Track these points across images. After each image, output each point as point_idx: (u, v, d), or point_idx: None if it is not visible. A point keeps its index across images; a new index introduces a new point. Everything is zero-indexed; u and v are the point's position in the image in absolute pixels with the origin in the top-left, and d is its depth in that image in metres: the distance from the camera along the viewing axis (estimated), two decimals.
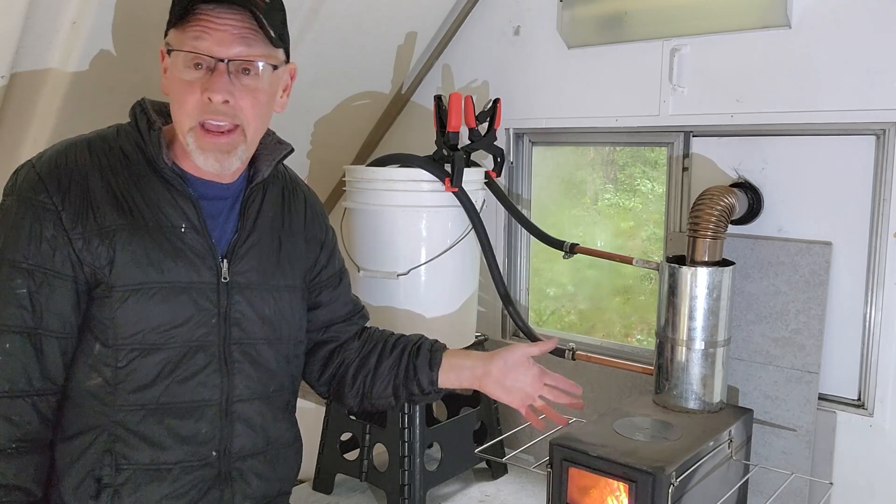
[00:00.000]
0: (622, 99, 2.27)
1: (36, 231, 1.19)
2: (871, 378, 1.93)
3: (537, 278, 2.66)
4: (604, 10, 2.26)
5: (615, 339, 2.51)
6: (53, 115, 1.93)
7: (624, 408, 1.95)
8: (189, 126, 1.22)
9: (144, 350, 1.24)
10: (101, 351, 1.24)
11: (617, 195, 2.53)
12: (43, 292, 1.20)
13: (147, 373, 1.24)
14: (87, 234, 1.20)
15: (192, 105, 1.21)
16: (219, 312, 1.29)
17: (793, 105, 1.97)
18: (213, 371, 1.29)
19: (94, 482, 1.24)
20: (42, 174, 1.21)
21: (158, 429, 1.26)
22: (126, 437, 1.25)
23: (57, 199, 1.20)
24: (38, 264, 1.20)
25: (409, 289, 2.16)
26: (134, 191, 1.25)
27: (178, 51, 1.21)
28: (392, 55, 2.52)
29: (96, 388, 1.24)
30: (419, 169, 2.13)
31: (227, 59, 1.19)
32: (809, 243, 1.97)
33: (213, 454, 1.31)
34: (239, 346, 1.32)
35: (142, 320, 1.23)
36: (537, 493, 2.25)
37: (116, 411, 1.24)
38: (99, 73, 1.89)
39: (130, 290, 1.22)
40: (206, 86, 1.19)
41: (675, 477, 1.58)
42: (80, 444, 1.25)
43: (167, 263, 1.24)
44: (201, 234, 1.28)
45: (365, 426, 2.20)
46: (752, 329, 2.04)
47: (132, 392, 1.24)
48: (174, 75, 1.23)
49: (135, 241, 1.23)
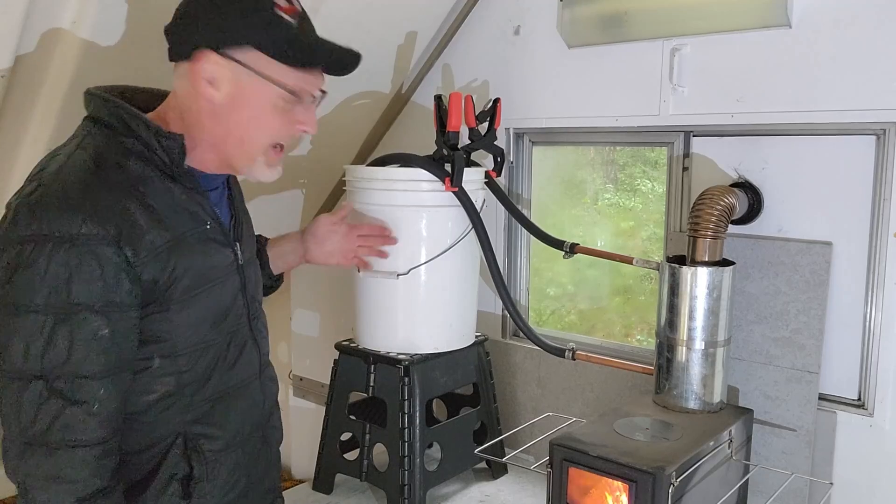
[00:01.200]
0: (622, 99, 2.27)
1: (97, 268, 1.13)
2: (871, 378, 1.93)
3: (537, 278, 2.66)
4: (604, 10, 2.26)
5: (615, 339, 2.51)
6: (53, 115, 1.93)
7: (624, 408, 1.95)
8: (265, 147, 1.30)
9: (201, 349, 1.30)
10: (162, 363, 1.25)
11: (617, 195, 2.53)
12: (120, 329, 1.17)
13: (205, 369, 1.31)
14: (143, 259, 1.18)
15: (283, 133, 1.31)
16: (244, 293, 1.39)
17: (793, 105, 1.97)
18: (250, 348, 1.41)
19: (179, 484, 1.29)
20: (77, 207, 1.13)
21: (225, 414, 1.35)
22: (203, 430, 1.32)
23: (111, 229, 1.14)
24: (111, 301, 1.15)
25: (409, 289, 2.16)
26: (156, 202, 1.22)
27: (290, 86, 1.27)
28: (392, 55, 2.52)
29: (157, 399, 1.27)
30: (419, 169, 2.13)
31: (322, 91, 1.35)
32: (809, 243, 1.97)
33: (261, 412, 1.45)
34: (256, 320, 1.44)
35: (199, 324, 1.28)
36: (537, 493, 2.25)
37: (185, 412, 1.29)
38: (99, 73, 1.89)
39: (184, 301, 1.25)
40: (304, 119, 1.32)
41: (675, 477, 1.58)
42: (152, 455, 1.28)
43: (206, 262, 1.29)
44: (220, 224, 1.34)
45: (365, 426, 2.20)
46: (752, 329, 2.04)
47: (198, 391, 1.31)
48: (262, 99, 1.26)
49: (180, 252, 1.23)
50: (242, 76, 1.23)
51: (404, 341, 2.18)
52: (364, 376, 2.19)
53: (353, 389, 2.25)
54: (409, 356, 2.14)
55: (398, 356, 2.15)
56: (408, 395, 2.10)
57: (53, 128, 1.94)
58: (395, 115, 2.83)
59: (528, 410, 2.52)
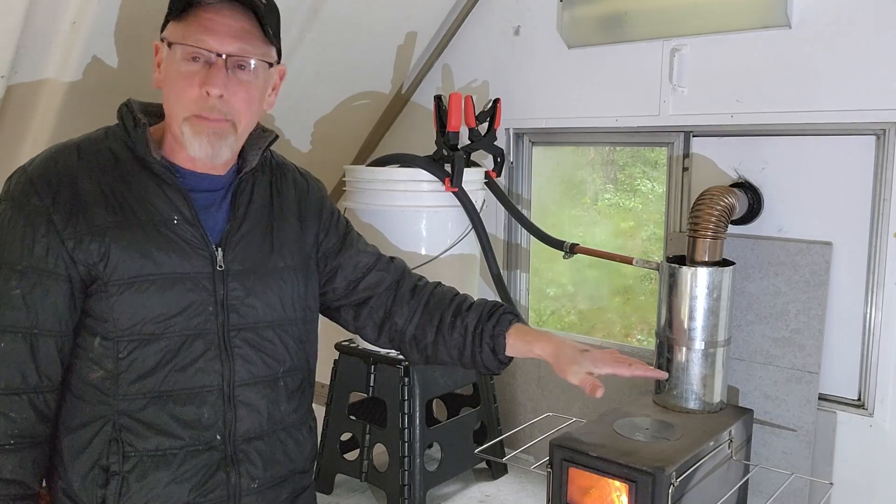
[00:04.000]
0: (622, 99, 2.27)
1: (29, 233, 1.23)
2: (871, 378, 1.93)
3: (537, 278, 2.66)
4: (604, 10, 2.26)
5: (615, 339, 2.51)
6: (53, 115, 1.93)
7: (624, 408, 1.95)
8: (184, 116, 1.26)
9: (143, 340, 1.27)
10: (102, 344, 1.27)
11: (617, 195, 2.53)
12: (37, 293, 1.23)
13: (147, 362, 1.28)
14: (78, 233, 1.23)
15: (190, 97, 1.24)
16: (216, 300, 1.32)
17: (793, 105, 1.97)
18: (213, 357, 1.32)
19: (101, 471, 1.28)
20: (33, 178, 1.25)
21: (162, 415, 1.29)
22: (131, 425, 1.28)
23: (48, 201, 1.23)
24: (32, 266, 1.23)
25: None
26: (124, 188, 1.28)
27: (179, 44, 1.24)
28: (392, 55, 2.52)
29: (98, 380, 1.28)
30: (419, 169, 2.13)
31: (225, 54, 1.23)
32: (809, 243, 1.97)
33: (217, 438, 1.33)
34: (238, 332, 1.35)
35: (139, 311, 1.26)
36: (537, 493, 2.25)
37: (119, 401, 1.27)
38: (98, 73, 1.90)
39: (126, 284, 1.25)
40: (205, 80, 1.23)
41: (675, 477, 1.58)
42: (85, 434, 1.29)
43: (160, 255, 1.27)
44: (193, 224, 1.31)
45: (365, 426, 2.20)
46: (752, 329, 2.04)
47: (133, 382, 1.27)
48: (171, 68, 1.26)
49: (127, 236, 1.26)
50: (165, 51, 1.27)
51: None
52: (364, 376, 2.19)
53: (353, 390, 2.25)
54: None
55: (398, 356, 2.15)
56: (408, 395, 2.10)
57: (53, 128, 1.94)
58: (395, 115, 2.83)
59: (528, 410, 2.52)
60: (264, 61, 1.28)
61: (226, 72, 1.24)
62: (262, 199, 1.43)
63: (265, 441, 1.39)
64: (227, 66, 1.24)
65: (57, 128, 1.93)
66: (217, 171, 1.35)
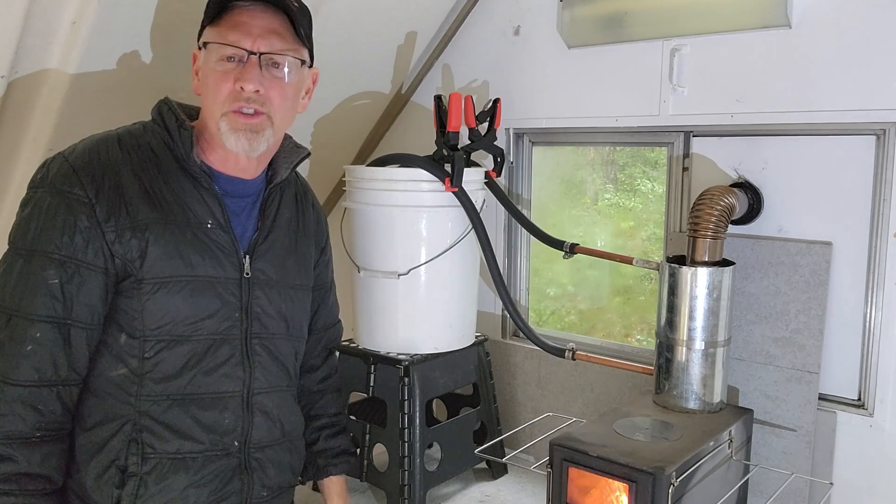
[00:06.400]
0: (622, 99, 2.27)
1: (70, 223, 1.22)
2: (871, 378, 1.93)
3: (537, 278, 2.66)
4: (604, 10, 2.26)
5: (615, 339, 2.51)
6: (53, 115, 1.92)
7: (624, 408, 1.95)
8: (221, 112, 1.28)
9: (171, 341, 1.28)
10: (128, 342, 1.27)
11: (617, 195, 2.53)
12: (74, 283, 1.23)
13: (173, 364, 1.28)
14: (119, 227, 1.24)
15: (226, 94, 1.27)
16: (241, 307, 1.34)
17: (793, 105, 1.97)
18: (237, 363, 1.34)
19: (118, 471, 1.27)
20: (76, 167, 1.24)
21: (184, 418, 1.30)
22: (152, 426, 1.28)
23: (91, 192, 1.23)
24: (71, 255, 1.22)
25: (409, 289, 2.16)
26: (163, 187, 1.29)
27: (213, 43, 1.27)
28: (392, 55, 2.52)
29: (121, 378, 1.28)
30: (419, 169, 2.13)
31: (259, 52, 1.26)
32: (809, 243, 1.97)
33: (234, 444, 1.35)
34: (259, 340, 1.37)
35: (170, 312, 1.27)
36: (537, 493, 2.25)
37: (142, 401, 1.27)
38: (98, 72, 1.89)
39: (160, 283, 1.26)
40: (239, 76, 1.26)
41: (675, 477, 1.58)
42: (102, 433, 1.28)
43: (195, 258, 1.28)
44: (226, 230, 1.33)
45: (365, 426, 2.20)
46: (752, 329, 2.04)
47: (158, 382, 1.28)
48: (207, 68, 1.28)
49: (166, 235, 1.26)
50: (200, 57, 1.30)
51: (404, 341, 2.18)
52: (364, 376, 2.20)
53: (353, 389, 2.25)
54: (409, 356, 2.15)
55: (398, 356, 2.15)
56: (408, 395, 2.10)
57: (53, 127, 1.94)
58: (395, 115, 2.83)
59: (528, 410, 2.52)
60: (297, 59, 1.31)
61: (259, 69, 1.27)
62: (289, 213, 1.47)
63: (275, 450, 1.42)
64: (260, 64, 1.27)
65: (57, 127, 1.93)
66: (248, 173, 1.37)
